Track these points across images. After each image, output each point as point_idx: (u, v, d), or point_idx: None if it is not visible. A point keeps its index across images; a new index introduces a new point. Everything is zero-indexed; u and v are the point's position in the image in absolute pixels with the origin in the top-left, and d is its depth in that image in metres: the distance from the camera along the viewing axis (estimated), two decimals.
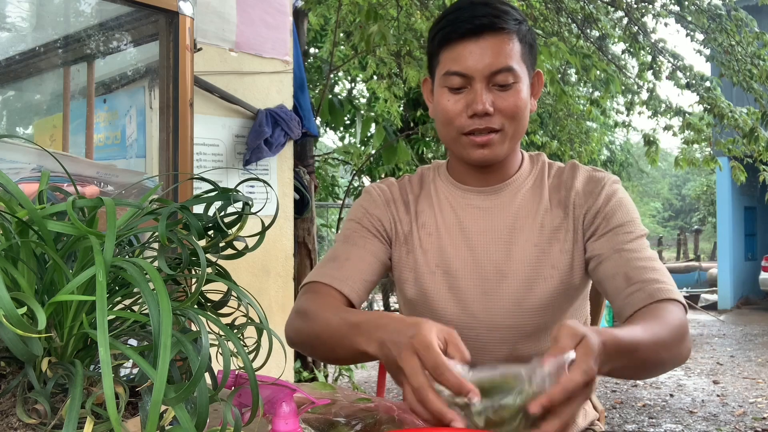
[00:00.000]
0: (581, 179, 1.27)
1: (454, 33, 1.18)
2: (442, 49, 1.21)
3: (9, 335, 0.47)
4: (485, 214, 1.27)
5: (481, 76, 1.16)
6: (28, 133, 2.14)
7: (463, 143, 1.21)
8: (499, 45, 1.17)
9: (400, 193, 1.34)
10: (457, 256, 1.26)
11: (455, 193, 1.30)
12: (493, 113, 1.17)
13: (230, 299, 0.66)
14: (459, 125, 1.20)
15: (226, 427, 0.53)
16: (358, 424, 0.86)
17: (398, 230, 1.31)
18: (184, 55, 1.54)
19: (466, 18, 1.17)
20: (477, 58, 1.16)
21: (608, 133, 11.06)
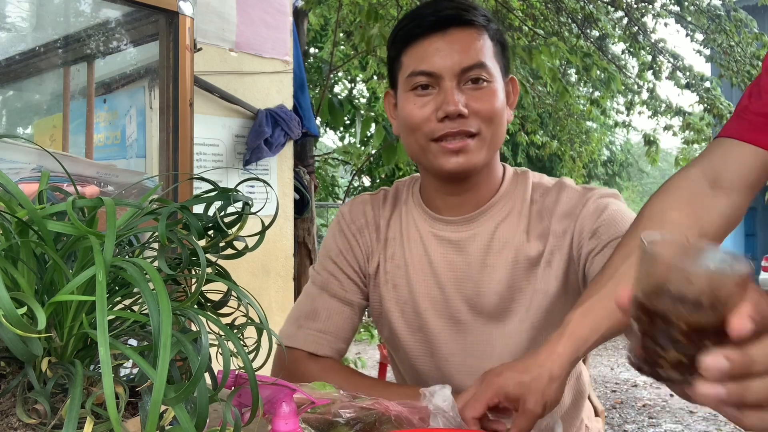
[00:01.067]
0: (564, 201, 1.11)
1: (418, 28, 1.06)
2: (405, 49, 1.08)
3: (9, 335, 0.47)
4: (455, 249, 1.13)
5: (450, 73, 1.04)
6: (28, 133, 2.14)
7: (433, 152, 1.06)
8: (469, 39, 1.05)
9: (373, 216, 1.22)
10: (425, 295, 1.14)
11: (424, 221, 1.17)
12: (468, 115, 1.03)
13: (230, 299, 0.66)
14: (428, 131, 1.06)
15: (226, 427, 0.53)
16: (358, 424, 0.86)
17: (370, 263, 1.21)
18: (184, 55, 1.54)
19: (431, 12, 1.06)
20: (445, 54, 1.04)
21: (608, 133, 11.07)
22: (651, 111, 5.33)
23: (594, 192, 1.11)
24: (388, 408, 0.88)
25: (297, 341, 1.17)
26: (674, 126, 5.39)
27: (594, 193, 1.11)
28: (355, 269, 1.21)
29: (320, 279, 1.22)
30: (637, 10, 4.96)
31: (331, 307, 1.19)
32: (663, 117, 5.32)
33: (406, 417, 0.87)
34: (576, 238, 1.09)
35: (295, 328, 1.19)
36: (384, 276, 1.19)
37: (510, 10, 4.85)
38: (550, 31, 5.12)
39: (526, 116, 7.45)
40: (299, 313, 1.21)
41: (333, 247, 1.23)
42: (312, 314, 1.19)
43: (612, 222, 1.06)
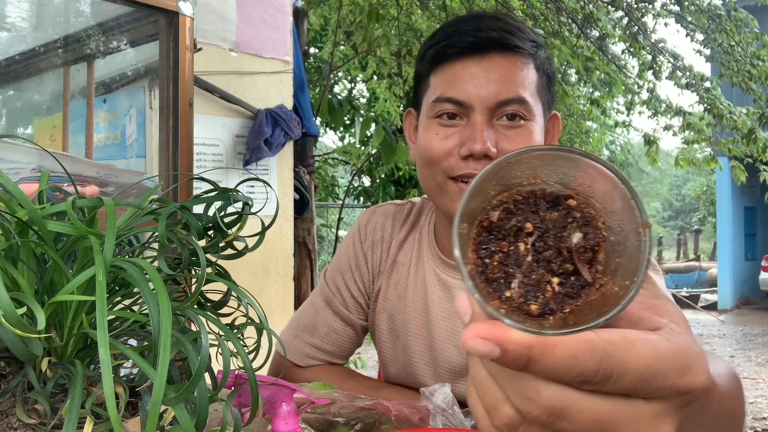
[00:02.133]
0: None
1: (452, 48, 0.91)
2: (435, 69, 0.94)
3: (9, 335, 0.47)
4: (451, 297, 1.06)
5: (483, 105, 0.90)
6: (28, 133, 2.14)
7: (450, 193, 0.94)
8: (510, 68, 0.90)
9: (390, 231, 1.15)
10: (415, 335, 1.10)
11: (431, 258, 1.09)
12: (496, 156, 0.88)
13: (230, 299, 0.66)
14: (447, 167, 0.92)
15: (226, 427, 0.53)
16: (358, 424, 0.86)
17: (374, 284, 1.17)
18: (184, 55, 1.54)
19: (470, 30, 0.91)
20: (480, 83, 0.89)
21: (608, 133, 11.06)
22: (651, 111, 5.33)
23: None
24: (388, 408, 0.88)
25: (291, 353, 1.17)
26: (674, 126, 5.39)
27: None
28: (360, 289, 1.18)
29: (327, 292, 1.19)
30: (637, 10, 4.96)
31: (331, 325, 1.17)
32: (663, 117, 5.32)
33: (406, 417, 0.87)
34: None
35: (292, 337, 1.18)
36: (383, 303, 1.15)
37: (510, 10, 4.85)
38: (550, 31, 5.12)
39: None
40: (299, 322, 1.20)
41: (344, 260, 1.18)
42: (311, 328, 1.17)
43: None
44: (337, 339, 1.17)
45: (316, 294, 1.22)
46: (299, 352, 1.17)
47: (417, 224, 1.15)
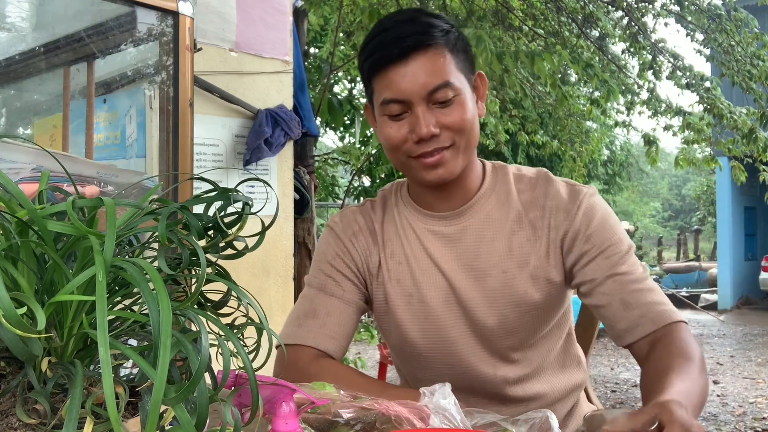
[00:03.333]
0: (555, 196, 1.20)
1: (382, 60, 1.11)
2: (374, 77, 1.15)
3: (9, 335, 0.47)
4: (449, 242, 1.21)
5: (418, 98, 1.10)
6: (28, 133, 2.14)
7: (414, 167, 1.15)
8: (431, 62, 1.10)
9: (365, 222, 1.28)
10: (429, 284, 1.21)
11: (417, 218, 1.24)
12: (440, 132, 1.11)
13: (230, 299, 0.66)
14: (406, 150, 1.14)
15: (226, 427, 0.53)
16: (358, 424, 0.86)
17: (370, 264, 1.25)
18: (184, 55, 1.54)
19: (392, 41, 1.10)
20: (411, 80, 1.09)
21: (608, 133, 11.07)
22: (651, 111, 5.32)
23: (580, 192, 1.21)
24: (388, 408, 0.88)
25: (298, 338, 1.19)
26: (674, 126, 5.39)
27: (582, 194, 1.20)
28: (353, 270, 1.25)
29: (317, 281, 1.25)
30: (637, 10, 4.95)
31: (330, 305, 1.22)
32: (663, 117, 5.32)
33: (406, 417, 0.87)
34: (569, 237, 1.18)
35: (296, 327, 1.21)
36: (387, 273, 1.24)
37: (510, 10, 4.85)
38: (550, 30, 5.12)
39: (526, 116, 7.45)
40: (298, 314, 1.23)
41: (329, 251, 1.27)
42: (311, 313, 1.21)
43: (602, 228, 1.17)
44: (338, 317, 1.21)
45: (305, 290, 1.27)
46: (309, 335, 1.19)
47: (387, 206, 1.30)
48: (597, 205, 1.19)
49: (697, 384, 1.00)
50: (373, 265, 1.25)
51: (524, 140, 7.31)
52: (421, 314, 1.21)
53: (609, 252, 1.15)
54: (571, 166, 7.05)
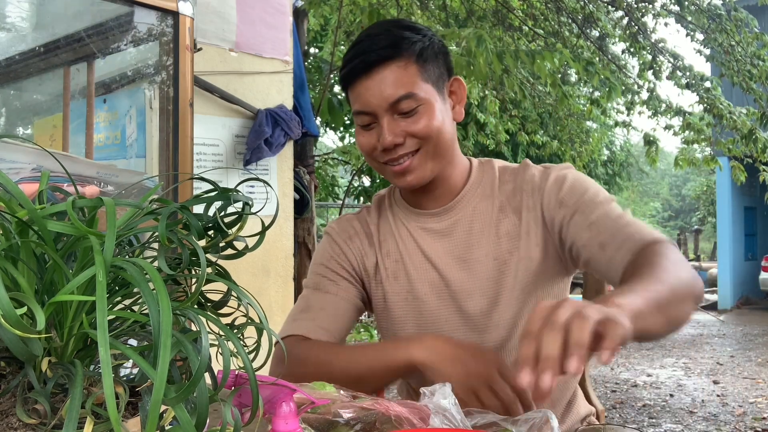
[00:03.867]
0: (530, 179, 1.24)
1: (351, 73, 1.18)
2: (347, 89, 1.22)
3: (9, 335, 0.47)
4: (441, 237, 1.26)
5: (382, 110, 1.15)
6: (28, 133, 2.14)
7: (387, 173, 1.22)
8: (393, 75, 1.14)
9: (361, 226, 1.33)
10: (423, 280, 1.25)
11: (410, 217, 1.29)
12: (404, 141, 1.16)
13: (230, 299, 0.66)
14: (376, 157, 1.21)
15: (226, 427, 0.53)
16: (358, 424, 0.86)
17: (366, 265, 1.30)
18: (184, 55, 1.54)
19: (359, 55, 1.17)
20: (374, 93, 1.15)
21: (608, 133, 11.06)
22: (651, 111, 5.32)
23: (553, 168, 1.25)
24: (388, 408, 0.88)
25: (290, 330, 1.23)
26: (674, 126, 5.39)
27: (553, 169, 1.25)
28: (348, 270, 1.29)
29: (312, 281, 1.29)
30: (637, 10, 4.95)
31: (323, 301, 1.26)
32: (663, 117, 5.31)
33: (406, 417, 0.87)
34: (546, 210, 1.21)
35: (290, 323, 1.25)
36: (385, 272, 1.28)
37: (510, 10, 4.85)
38: (550, 30, 5.12)
39: (526, 116, 7.45)
40: (293, 312, 1.27)
41: (324, 254, 1.32)
42: (305, 309, 1.26)
43: (573, 189, 1.19)
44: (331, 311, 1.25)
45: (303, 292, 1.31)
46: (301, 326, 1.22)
47: (382, 208, 1.35)
48: (568, 174, 1.22)
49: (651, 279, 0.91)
50: (369, 265, 1.29)
51: (524, 140, 7.31)
52: (416, 310, 1.25)
53: (582, 208, 1.15)
54: None
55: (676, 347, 8.01)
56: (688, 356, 7.39)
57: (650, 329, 0.87)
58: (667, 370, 6.60)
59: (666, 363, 7.01)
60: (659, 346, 8.05)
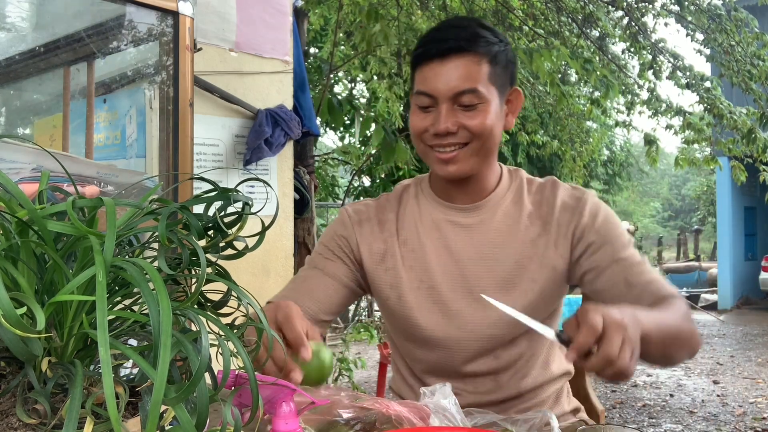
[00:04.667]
0: (562, 196, 1.30)
1: (425, 55, 1.22)
2: (415, 70, 1.25)
3: (9, 335, 0.47)
4: (467, 232, 1.30)
5: (444, 97, 1.19)
6: (28, 133, 2.14)
7: (431, 157, 1.25)
8: (465, 67, 1.19)
9: (376, 212, 1.36)
10: (442, 272, 1.29)
11: (438, 209, 1.33)
12: (457, 131, 1.20)
13: (230, 299, 0.66)
14: (425, 139, 1.24)
15: (226, 427, 0.53)
16: (358, 424, 0.86)
17: (372, 250, 1.33)
18: (184, 55, 1.54)
19: (436, 40, 1.21)
20: (442, 80, 1.19)
21: (608, 133, 11.05)
22: (651, 111, 5.32)
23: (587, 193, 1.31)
24: (388, 408, 0.88)
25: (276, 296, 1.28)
26: (674, 126, 5.38)
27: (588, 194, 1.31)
28: (346, 252, 1.34)
29: (310, 258, 1.35)
30: (637, 10, 4.95)
31: (312, 276, 1.31)
32: (663, 117, 5.31)
33: (406, 417, 0.87)
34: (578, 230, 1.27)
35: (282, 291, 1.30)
36: (400, 260, 1.31)
37: (510, 9, 4.85)
38: (550, 30, 5.12)
39: (526, 116, 7.45)
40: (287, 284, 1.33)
41: (329, 232, 1.37)
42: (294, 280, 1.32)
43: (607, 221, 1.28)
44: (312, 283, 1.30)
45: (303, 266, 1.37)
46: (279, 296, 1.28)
47: (406, 198, 1.38)
48: (600, 204, 1.31)
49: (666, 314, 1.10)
50: (376, 251, 1.32)
51: (524, 140, 7.31)
52: (429, 299, 1.28)
53: (613, 241, 1.25)
54: (571, 166, 7.04)
55: None
56: None
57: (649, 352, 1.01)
58: (667, 370, 6.60)
59: None
60: None
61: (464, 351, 1.27)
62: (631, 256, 1.24)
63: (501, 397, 1.29)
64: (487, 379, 1.29)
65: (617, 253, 1.23)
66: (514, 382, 1.30)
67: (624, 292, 1.21)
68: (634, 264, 1.23)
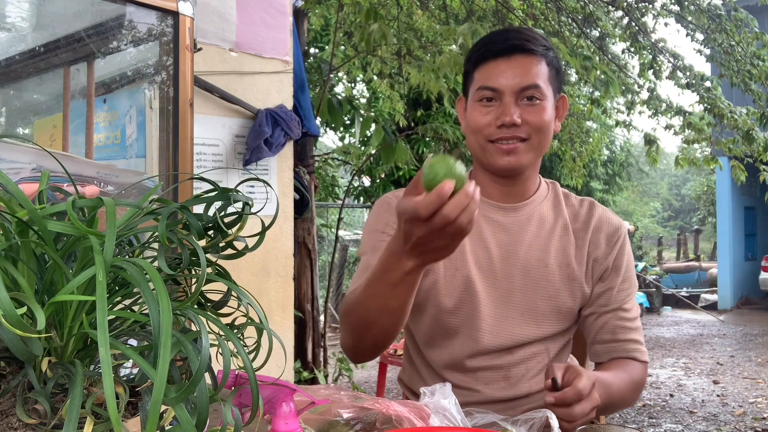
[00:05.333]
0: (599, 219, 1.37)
1: (488, 53, 1.29)
2: (477, 68, 1.31)
3: (9, 335, 0.47)
4: (505, 230, 1.35)
5: (510, 91, 1.26)
6: (28, 133, 2.14)
7: (490, 151, 1.29)
8: (528, 64, 1.27)
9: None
10: (475, 265, 1.34)
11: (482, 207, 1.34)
12: (521, 124, 1.26)
13: (230, 299, 0.66)
14: (487, 134, 1.28)
15: (226, 427, 0.53)
16: (358, 424, 0.86)
17: None
18: (184, 55, 1.54)
19: (500, 40, 1.29)
20: (508, 75, 1.26)
21: (608, 133, 11.05)
22: (651, 111, 5.32)
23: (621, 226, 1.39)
24: (388, 408, 0.88)
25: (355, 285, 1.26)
26: (675, 125, 5.38)
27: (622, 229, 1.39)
28: None
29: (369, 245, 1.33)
30: (637, 10, 4.95)
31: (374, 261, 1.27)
32: (663, 117, 5.31)
33: (406, 417, 0.87)
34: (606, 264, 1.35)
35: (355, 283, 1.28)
36: None
37: (510, 9, 4.85)
38: (550, 30, 5.11)
39: None
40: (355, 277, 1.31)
41: (380, 220, 1.36)
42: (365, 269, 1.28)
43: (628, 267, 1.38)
44: None
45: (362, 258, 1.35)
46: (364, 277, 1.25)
47: None
48: (627, 244, 1.39)
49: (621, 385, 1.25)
50: None
51: None
52: (460, 289, 1.33)
53: (624, 288, 1.35)
54: (571, 166, 7.05)
55: (676, 347, 8.01)
56: (688, 356, 7.39)
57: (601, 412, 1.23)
58: (667, 370, 6.60)
59: (666, 363, 7.01)
60: (659, 346, 8.04)
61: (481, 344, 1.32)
62: (630, 309, 1.34)
63: (510, 395, 1.33)
64: (499, 375, 1.34)
65: (622, 302, 1.34)
66: (525, 380, 1.34)
67: (605, 338, 1.33)
68: (627, 318, 1.33)
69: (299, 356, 4.03)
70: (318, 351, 4.18)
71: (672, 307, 12.15)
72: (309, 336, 4.10)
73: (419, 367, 1.42)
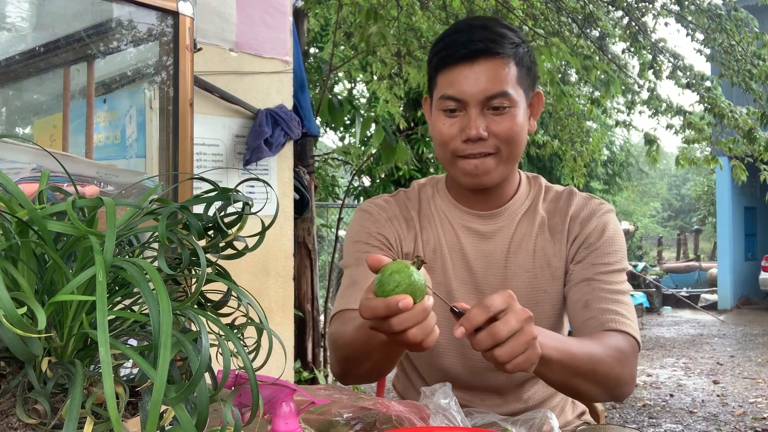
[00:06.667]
0: (576, 207, 1.28)
1: (450, 57, 1.16)
2: (439, 73, 1.19)
3: (9, 335, 0.47)
4: (483, 239, 1.28)
5: (475, 101, 1.15)
6: (28, 133, 2.13)
7: (457, 167, 1.21)
8: (495, 70, 1.15)
9: (400, 210, 1.32)
10: (456, 278, 1.27)
11: (454, 213, 1.30)
12: (488, 137, 1.16)
13: (230, 299, 0.66)
14: (453, 148, 1.19)
15: (226, 427, 0.53)
16: (358, 424, 0.86)
17: (402, 247, 1.29)
18: (184, 55, 1.54)
19: (463, 42, 1.15)
20: (472, 83, 1.14)
21: (608, 133, 11.05)
22: (652, 110, 5.32)
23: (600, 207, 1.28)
24: (388, 408, 0.88)
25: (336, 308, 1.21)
26: (675, 125, 5.38)
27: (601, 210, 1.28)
28: (388, 248, 1.28)
29: (353, 258, 1.26)
30: (637, 10, 4.95)
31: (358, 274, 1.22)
32: (663, 116, 5.31)
33: (406, 417, 0.87)
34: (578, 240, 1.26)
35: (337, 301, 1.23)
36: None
37: (510, 9, 4.85)
38: (550, 30, 5.11)
39: None
40: (341, 291, 1.25)
41: (362, 231, 1.29)
42: (351, 284, 1.23)
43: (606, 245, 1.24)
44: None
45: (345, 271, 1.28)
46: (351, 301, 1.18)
47: (423, 196, 1.34)
48: (611, 221, 1.27)
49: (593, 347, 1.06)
50: (406, 250, 1.30)
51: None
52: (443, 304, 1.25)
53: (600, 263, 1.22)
54: (571, 166, 7.04)
55: (676, 347, 8.01)
56: (688, 356, 7.39)
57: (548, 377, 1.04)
58: (667, 370, 6.60)
59: (666, 363, 7.01)
60: (659, 346, 8.04)
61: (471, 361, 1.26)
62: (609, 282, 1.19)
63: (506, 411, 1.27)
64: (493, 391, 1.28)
65: (596, 275, 1.20)
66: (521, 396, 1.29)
67: (578, 312, 1.19)
68: (605, 289, 1.18)
69: (299, 356, 4.03)
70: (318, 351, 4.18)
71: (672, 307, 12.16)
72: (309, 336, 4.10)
73: (413, 380, 1.38)
